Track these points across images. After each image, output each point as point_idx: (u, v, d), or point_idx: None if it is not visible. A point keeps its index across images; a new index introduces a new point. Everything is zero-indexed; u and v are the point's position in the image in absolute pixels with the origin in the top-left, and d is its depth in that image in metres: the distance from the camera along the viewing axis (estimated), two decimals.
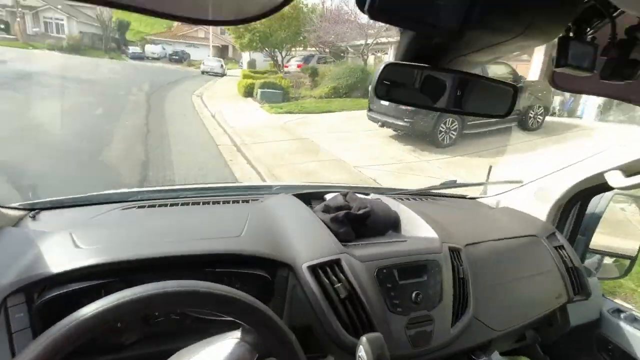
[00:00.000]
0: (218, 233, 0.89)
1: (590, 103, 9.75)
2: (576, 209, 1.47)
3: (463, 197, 1.76)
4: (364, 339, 0.63)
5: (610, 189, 1.27)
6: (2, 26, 22.92)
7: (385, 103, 7.53)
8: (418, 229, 1.09)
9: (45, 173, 4.32)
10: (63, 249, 0.75)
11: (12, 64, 13.03)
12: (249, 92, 12.59)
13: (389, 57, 12.75)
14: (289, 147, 7.27)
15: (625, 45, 0.51)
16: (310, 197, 1.28)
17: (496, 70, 7.44)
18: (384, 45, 14.35)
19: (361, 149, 7.25)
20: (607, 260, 1.54)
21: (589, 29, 0.57)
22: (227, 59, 27.45)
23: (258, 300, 0.58)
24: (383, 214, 1.15)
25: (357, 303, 0.84)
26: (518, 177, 1.64)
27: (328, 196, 1.25)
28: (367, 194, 1.32)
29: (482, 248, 1.15)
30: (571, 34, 0.59)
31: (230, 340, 0.61)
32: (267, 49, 16.94)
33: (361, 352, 0.62)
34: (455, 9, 0.47)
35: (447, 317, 0.92)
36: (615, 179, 1.16)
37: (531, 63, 10.10)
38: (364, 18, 12.01)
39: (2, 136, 5.71)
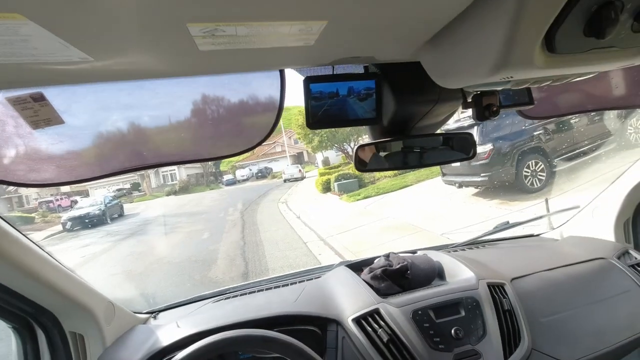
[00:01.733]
0: (279, 302, 1.12)
1: None
2: None
3: (530, 235, 1.72)
4: None
5: None
6: (135, 187, 29.38)
7: (457, 164, 7.48)
8: (458, 272, 1.17)
9: (169, 290, 5.21)
10: (170, 332, 1.04)
11: (142, 214, 16.23)
12: (326, 188, 13.49)
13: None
14: (372, 229, 7.41)
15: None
16: (362, 265, 1.44)
17: None
18: None
19: (445, 215, 7.04)
20: None
21: None
22: (304, 163, 30.26)
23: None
24: (425, 266, 1.25)
25: (400, 345, 0.94)
26: (575, 203, 1.59)
27: (376, 260, 1.41)
28: (414, 252, 1.44)
29: (533, 279, 1.15)
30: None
31: None
32: (336, 145, 18.49)
33: None
34: (367, 107, 0.71)
35: (497, 350, 0.94)
36: None
37: None
38: None
39: (140, 271, 7.07)
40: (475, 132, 7.08)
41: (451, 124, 7.29)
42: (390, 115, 0.82)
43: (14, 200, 22.44)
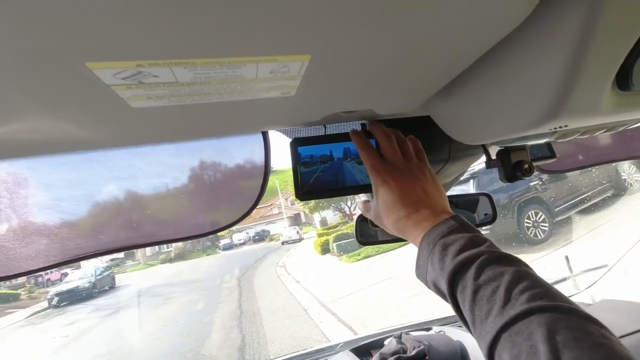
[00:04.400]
0: None
1: None
2: None
3: None
4: None
5: None
6: (129, 256, 28.54)
7: None
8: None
9: None
10: None
11: (134, 285, 15.48)
12: (325, 249, 13.11)
13: None
14: (376, 292, 7.03)
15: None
16: (370, 347, 1.24)
17: None
18: None
19: None
20: None
21: None
22: (302, 224, 29.87)
23: None
24: (444, 348, 1.06)
25: None
26: (602, 261, 1.44)
27: (387, 341, 1.21)
28: (429, 329, 1.25)
29: None
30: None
31: None
32: (333, 204, 18.44)
33: None
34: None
35: None
36: None
37: None
38: None
39: (126, 351, 6.52)
40: (471, 185, 7.05)
41: None
42: None
43: None
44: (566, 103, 0.31)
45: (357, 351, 1.19)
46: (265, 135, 0.62)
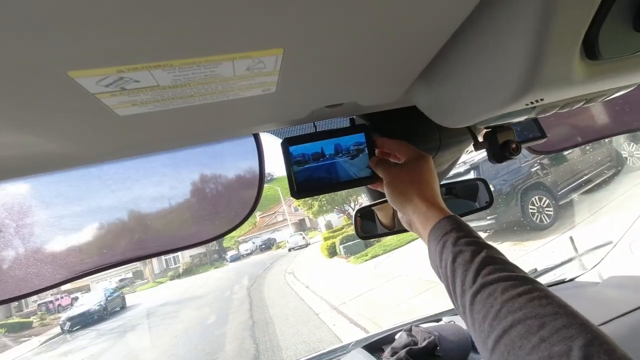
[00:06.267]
0: None
1: None
2: None
3: (561, 282, 1.53)
4: None
5: None
6: (138, 275, 28.56)
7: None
8: None
9: None
10: None
11: (144, 303, 15.45)
12: (332, 252, 13.07)
13: None
14: (385, 290, 7.01)
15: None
16: (381, 343, 1.24)
17: None
18: None
19: None
20: None
21: None
22: (307, 229, 29.81)
23: None
24: (455, 337, 1.06)
25: None
26: (607, 238, 1.44)
27: (397, 335, 1.21)
28: (438, 320, 1.25)
29: None
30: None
31: None
32: (336, 207, 18.42)
33: None
34: (361, 164, 0.61)
35: None
36: None
37: None
38: None
39: None
40: (472, 176, 7.03)
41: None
42: None
43: (12, 305, 21.52)
44: (537, 75, 0.32)
45: (369, 348, 1.19)
46: (257, 138, 0.63)
